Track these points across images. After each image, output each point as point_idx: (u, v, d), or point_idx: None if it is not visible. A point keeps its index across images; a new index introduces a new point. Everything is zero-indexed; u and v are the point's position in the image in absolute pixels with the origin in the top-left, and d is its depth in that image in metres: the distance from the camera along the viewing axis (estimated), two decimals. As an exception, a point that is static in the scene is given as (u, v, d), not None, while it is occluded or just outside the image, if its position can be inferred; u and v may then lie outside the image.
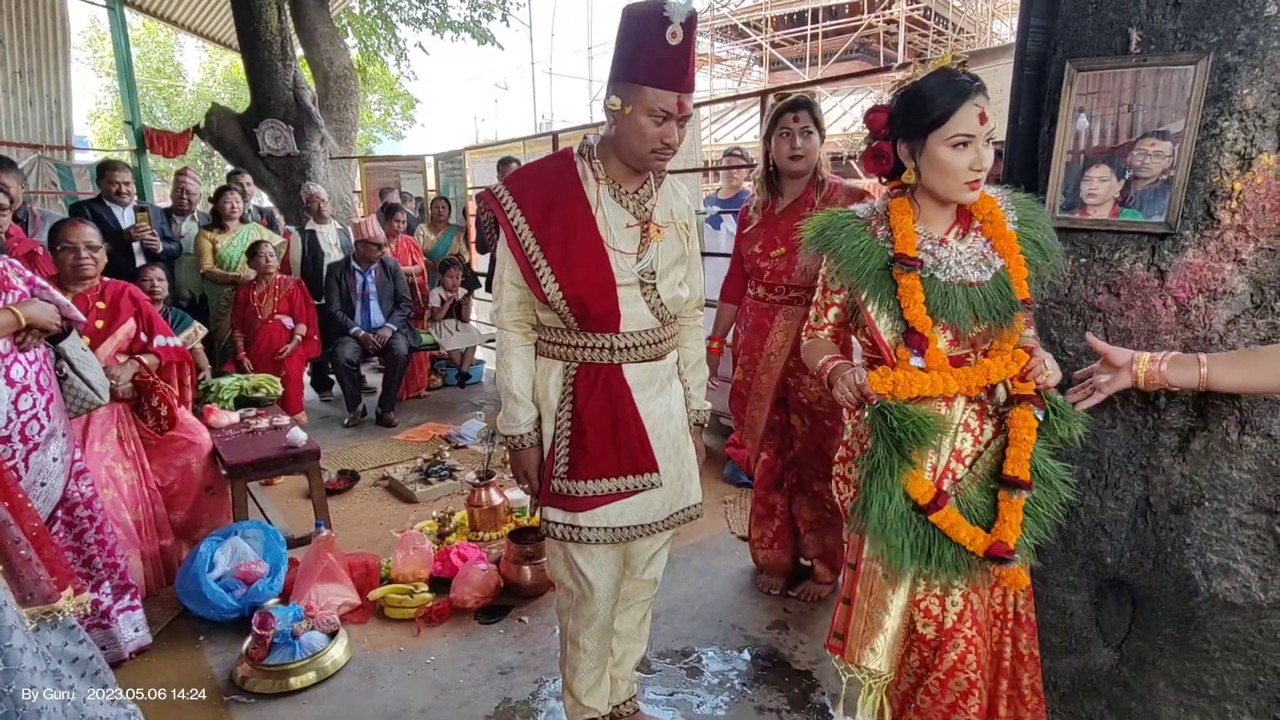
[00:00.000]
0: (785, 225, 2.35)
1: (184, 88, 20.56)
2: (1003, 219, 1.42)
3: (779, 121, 2.32)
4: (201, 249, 4.79)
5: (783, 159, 2.34)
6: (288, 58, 6.28)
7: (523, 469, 1.69)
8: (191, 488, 2.89)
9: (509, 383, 1.64)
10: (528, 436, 1.65)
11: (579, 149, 1.61)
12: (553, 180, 1.57)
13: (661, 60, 1.41)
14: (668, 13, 1.39)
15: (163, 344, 2.93)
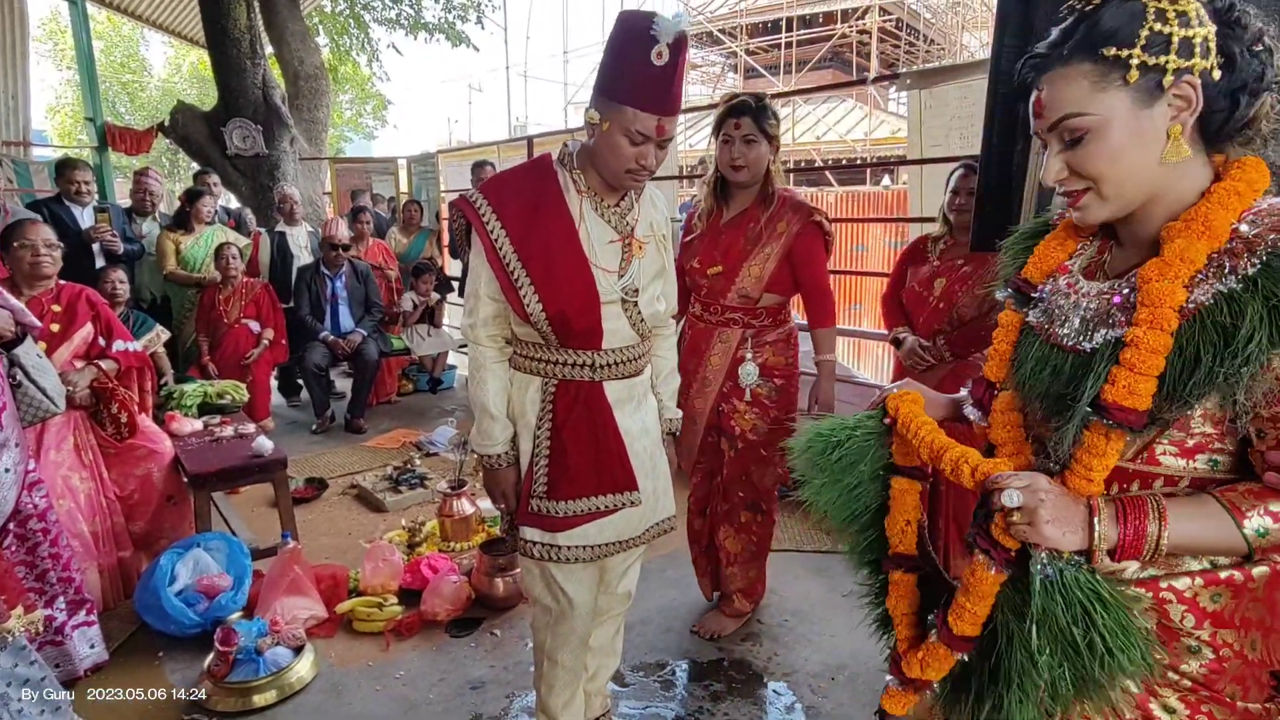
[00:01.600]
0: (727, 240, 2.23)
1: (149, 83, 20.10)
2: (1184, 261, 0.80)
3: (722, 126, 2.16)
4: (164, 250, 4.66)
5: (724, 167, 2.19)
6: (256, 56, 6.16)
7: (499, 488, 1.64)
8: (152, 498, 2.81)
9: (485, 400, 1.58)
10: (504, 455, 1.60)
11: (559, 157, 1.56)
12: (534, 191, 1.52)
13: (644, 80, 1.36)
14: (655, 31, 1.33)
15: (122, 349, 2.83)
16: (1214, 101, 0.80)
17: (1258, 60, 0.80)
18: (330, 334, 4.80)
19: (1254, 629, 0.85)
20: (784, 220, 2.20)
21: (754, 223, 2.21)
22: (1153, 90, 0.80)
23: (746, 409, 2.27)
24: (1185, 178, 0.83)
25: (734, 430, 2.29)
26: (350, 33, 8.55)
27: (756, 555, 2.44)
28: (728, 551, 2.43)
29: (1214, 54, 0.79)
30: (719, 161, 2.21)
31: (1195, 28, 0.78)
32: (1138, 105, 0.81)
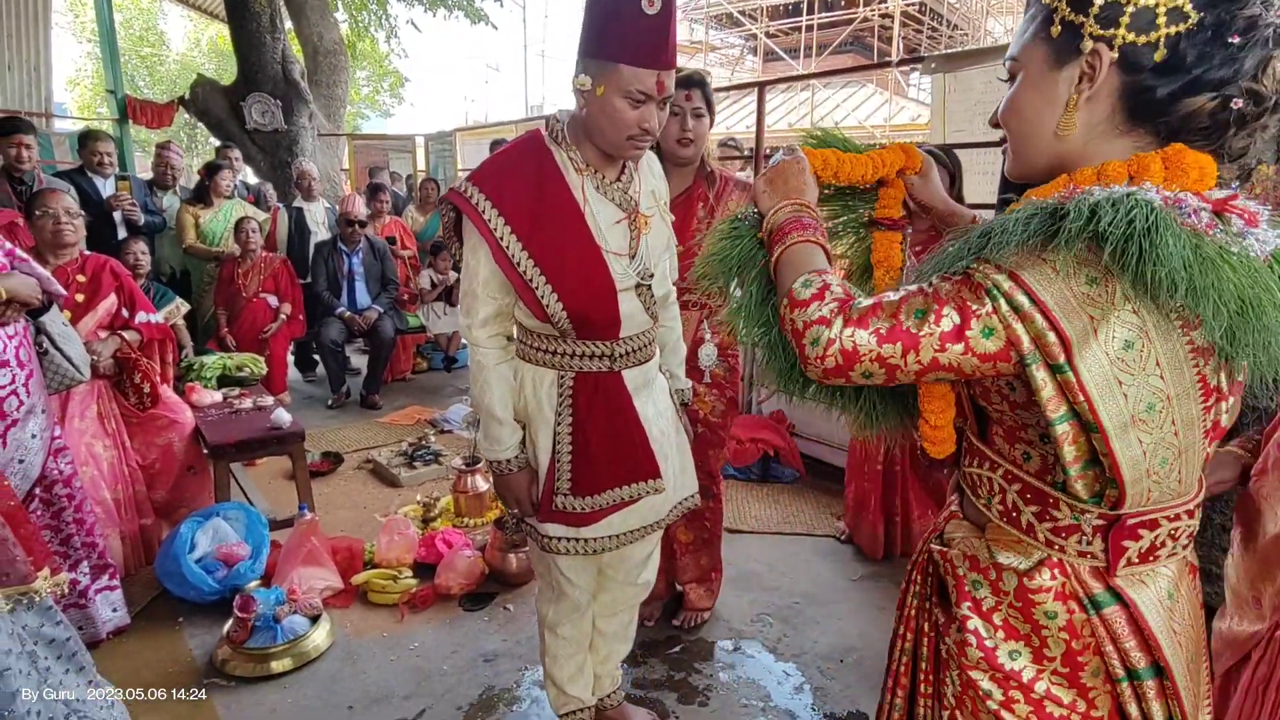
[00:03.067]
0: (677, 222, 2.11)
1: (168, 57, 20.14)
2: None
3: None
4: (184, 224, 4.70)
5: (669, 142, 2.07)
6: (276, 30, 6.15)
7: (513, 494, 1.55)
8: (173, 467, 2.85)
9: (490, 404, 1.49)
10: (515, 459, 1.53)
11: (551, 132, 1.43)
12: (532, 177, 1.40)
13: (637, 33, 1.25)
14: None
15: (144, 320, 2.87)
16: (1140, 83, 0.76)
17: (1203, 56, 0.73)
18: (347, 310, 4.83)
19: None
20: (733, 198, 2.16)
21: (702, 202, 2.15)
22: (1068, 51, 0.78)
23: (706, 391, 2.22)
24: (1094, 157, 0.80)
25: (696, 414, 2.22)
26: (369, 8, 8.52)
27: (709, 542, 2.40)
28: (680, 542, 2.38)
29: (1159, 30, 0.73)
30: (666, 136, 2.06)
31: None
32: (1049, 63, 0.80)
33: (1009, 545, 0.87)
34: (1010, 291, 0.73)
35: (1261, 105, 0.74)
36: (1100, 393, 0.73)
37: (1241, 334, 0.70)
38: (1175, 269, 0.67)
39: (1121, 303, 0.72)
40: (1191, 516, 0.85)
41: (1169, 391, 0.75)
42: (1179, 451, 0.78)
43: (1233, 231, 0.72)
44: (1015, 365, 0.76)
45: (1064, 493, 0.82)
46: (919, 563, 1.02)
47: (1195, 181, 0.75)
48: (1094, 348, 0.72)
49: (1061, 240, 0.71)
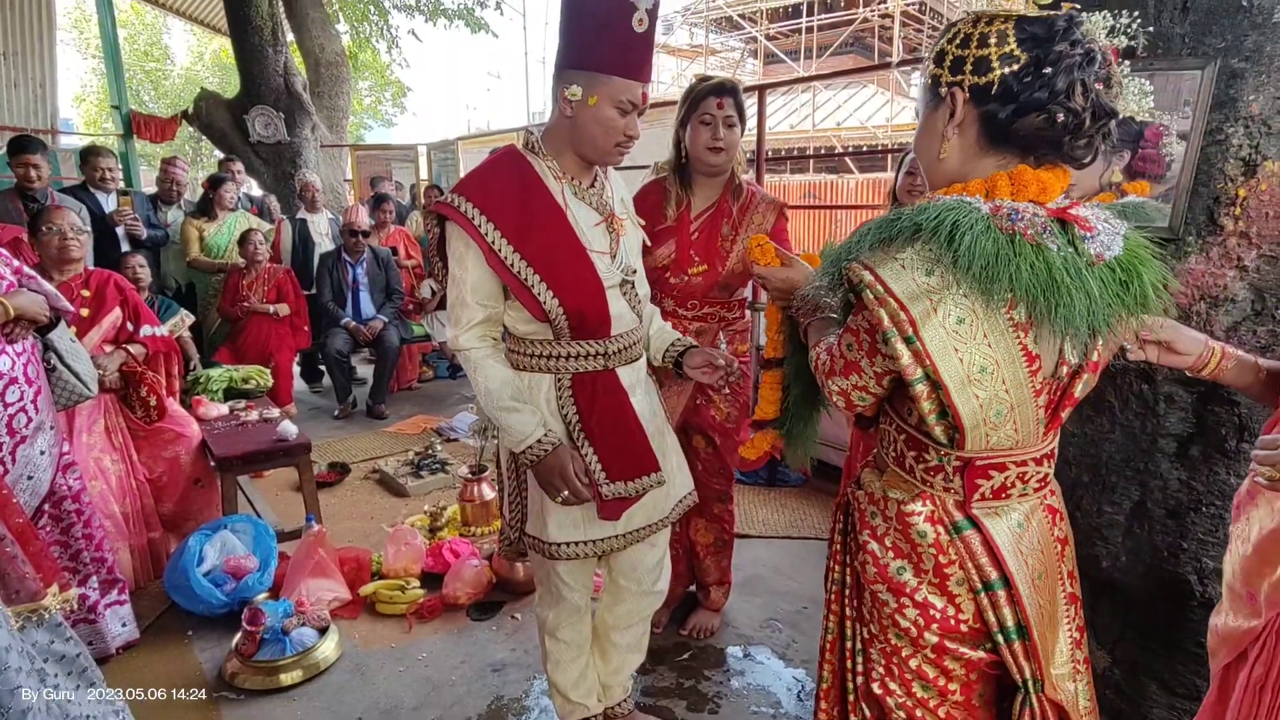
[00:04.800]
0: (704, 237, 2.10)
1: (172, 71, 20.28)
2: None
3: (700, 106, 2.00)
4: (188, 237, 4.72)
5: (700, 150, 2.02)
6: (278, 43, 6.18)
7: (557, 474, 1.46)
8: (180, 480, 2.86)
9: (498, 396, 1.46)
10: (546, 438, 1.47)
11: (527, 144, 1.50)
12: (516, 184, 1.45)
13: (628, 48, 1.35)
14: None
15: (149, 334, 2.88)
16: (988, 112, 0.96)
17: (1028, 85, 0.93)
18: (352, 320, 4.84)
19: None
20: (758, 212, 2.14)
21: (727, 217, 2.12)
22: (937, 96, 1.00)
23: (722, 399, 2.23)
24: (974, 173, 1.01)
25: (713, 422, 2.24)
26: (370, 20, 8.56)
27: (727, 543, 2.43)
28: (702, 544, 2.39)
29: (995, 71, 0.94)
30: (692, 144, 2.05)
31: (972, 48, 0.95)
32: (928, 106, 1.03)
33: (897, 483, 1.12)
34: (871, 283, 0.95)
35: (1080, 118, 0.94)
36: (941, 358, 0.94)
37: (1049, 310, 0.90)
38: (974, 258, 0.88)
39: (953, 287, 0.92)
40: (1039, 464, 1.07)
41: (996, 357, 0.95)
42: (1011, 406, 0.99)
43: (1073, 235, 0.93)
44: (880, 342, 0.97)
45: (931, 439, 1.04)
46: (841, 504, 1.26)
47: (1037, 194, 0.95)
48: (934, 323, 0.94)
49: (896, 236, 0.95)
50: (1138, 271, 0.97)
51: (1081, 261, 0.92)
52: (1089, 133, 0.96)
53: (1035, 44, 0.92)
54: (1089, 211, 0.97)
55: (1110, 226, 0.97)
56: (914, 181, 2.46)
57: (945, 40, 0.99)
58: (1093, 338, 0.96)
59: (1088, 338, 0.94)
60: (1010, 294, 0.90)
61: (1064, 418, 1.07)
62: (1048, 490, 1.11)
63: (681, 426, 2.22)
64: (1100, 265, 0.95)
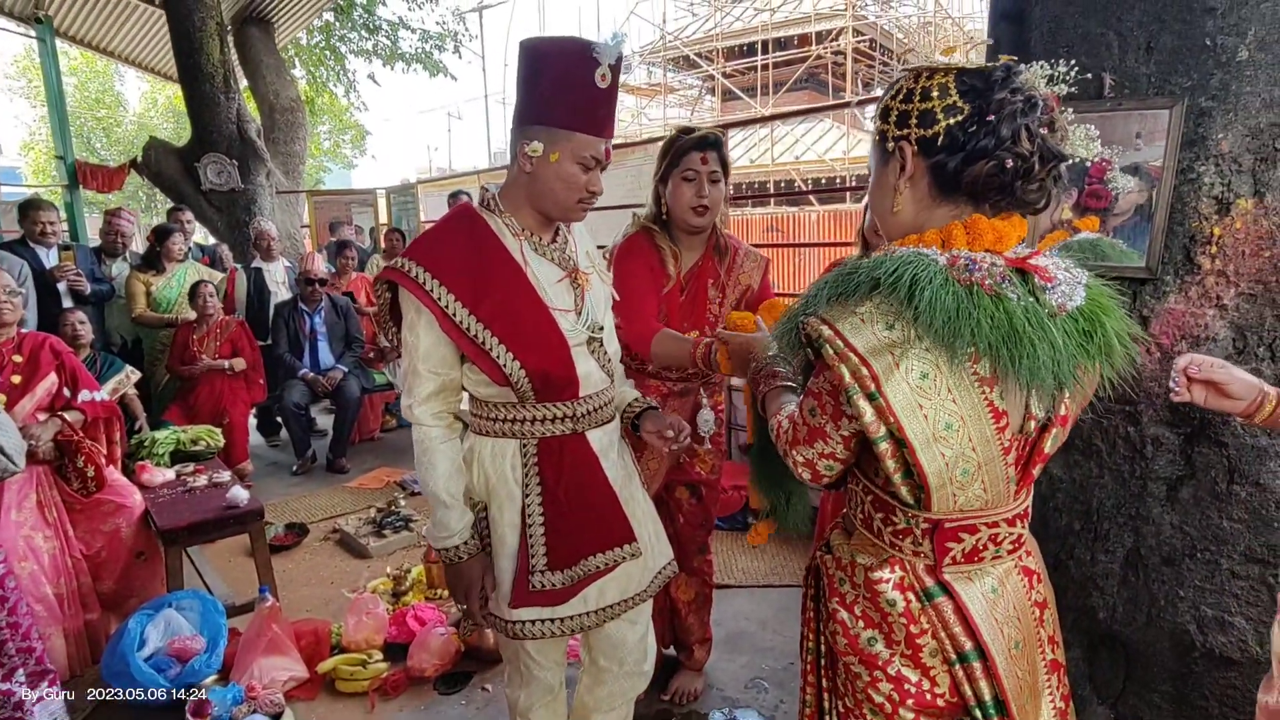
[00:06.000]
0: (690, 300, 1.99)
1: (124, 118, 19.96)
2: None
3: (682, 161, 1.87)
4: (134, 292, 4.52)
5: (683, 210, 1.89)
6: (230, 90, 6.06)
7: (464, 584, 1.44)
8: (121, 555, 2.66)
9: (436, 487, 1.40)
10: (466, 545, 1.43)
11: (482, 201, 1.45)
12: (468, 244, 1.39)
13: (590, 104, 1.31)
14: (597, 54, 1.27)
15: (88, 399, 2.71)
16: (937, 163, 0.95)
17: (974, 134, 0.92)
18: (310, 371, 4.67)
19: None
20: (744, 270, 2.07)
21: (713, 278, 2.02)
22: (885, 150, 1.00)
23: (706, 453, 2.15)
24: (928, 224, 0.99)
25: (698, 476, 2.16)
26: (327, 64, 8.48)
27: (708, 598, 2.32)
28: (683, 601, 2.28)
29: (940, 123, 0.93)
30: (674, 201, 1.91)
31: (916, 103, 0.95)
32: (880, 160, 1.02)
33: (865, 547, 1.07)
34: (831, 338, 0.92)
35: (1029, 161, 0.92)
36: (905, 415, 0.91)
37: (1013, 363, 0.87)
38: (935, 311, 0.86)
39: (915, 341, 0.90)
40: (1011, 525, 1.02)
41: (962, 413, 0.92)
42: (979, 464, 0.95)
43: (1033, 285, 0.92)
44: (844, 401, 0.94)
45: (898, 500, 1.00)
46: (812, 567, 1.20)
47: (993, 243, 0.94)
48: (897, 378, 0.90)
49: (853, 291, 0.93)
50: (1101, 321, 0.95)
51: (1044, 312, 0.90)
52: (1039, 176, 0.95)
53: (977, 94, 0.93)
54: (1048, 261, 0.95)
55: (1071, 276, 0.95)
56: None
57: (889, 97, 0.99)
58: (1059, 390, 0.94)
59: (1054, 390, 0.92)
60: (973, 348, 0.88)
61: (1035, 475, 1.03)
62: (1022, 551, 1.06)
63: (664, 484, 2.13)
64: (1063, 315, 0.92)
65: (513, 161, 1.40)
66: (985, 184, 0.94)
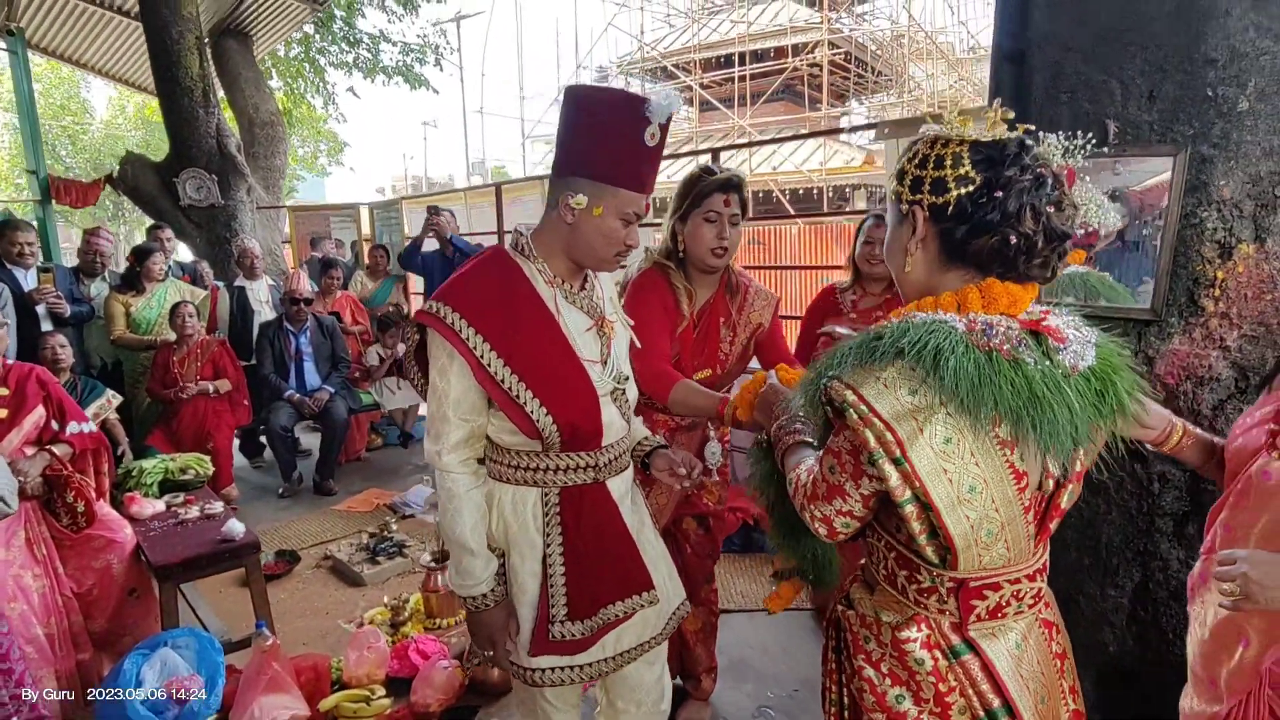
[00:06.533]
0: (702, 338, 2.01)
1: (91, 125, 19.53)
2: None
3: (704, 203, 1.87)
4: (113, 313, 4.42)
5: (703, 250, 1.88)
6: (210, 104, 5.96)
7: (488, 633, 1.43)
8: (113, 592, 2.60)
9: (462, 535, 1.38)
10: (492, 593, 1.41)
11: (516, 246, 1.43)
12: (503, 290, 1.38)
13: (637, 161, 1.32)
14: (649, 113, 1.27)
15: (76, 431, 2.64)
16: (946, 230, 0.98)
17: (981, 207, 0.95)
18: (296, 393, 4.61)
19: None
20: (754, 309, 2.08)
21: (724, 316, 2.03)
22: (899, 210, 1.03)
23: (713, 484, 2.16)
24: (940, 286, 1.02)
25: (706, 508, 2.17)
26: (306, 77, 8.39)
27: (714, 626, 2.34)
28: (690, 631, 2.27)
29: (952, 192, 0.96)
30: (693, 241, 1.90)
31: (929, 170, 0.97)
32: (895, 220, 1.05)
33: (889, 604, 1.08)
34: (855, 403, 0.94)
35: (1032, 240, 0.95)
36: (931, 479, 0.93)
37: (1034, 427, 0.90)
38: (959, 380, 0.89)
39: (938, 406, 0.92)
40: (1032, 580, 1.04)
41: (985, 475, 0.94)
42: (1002, 525, 0.97)
43: (1047, 346, 0.94)
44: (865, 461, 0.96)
45: (922, 559, 1.01)
46: (833, 619, 1.20)
47: (1008, 307, 0.97)
48: (921, 443, 0.92)
49: (878, 358, 0.94)
50: (1112, 380, 0.98)
51: (1059, 374, 0.93)
52: (1042, 253, 0.97)
53: (989, 166, 0.95)
54: (1060, 320, 0.98)
55: (1081, 335, 0.98)
56: (872, 250, 2.47)
57: (905, 160, 1.02)
58: (1074, 449, 0.96)
59: (1070, 450, 0.94)
60: (995, 413, 0.90)
61: (1052, 529, 1.06)
62: (1042, 604, 1.09)
63: (674, 518, 2.13)
64: (1076, 376, 0.95)
65: (551, 208, 1.40)
66: (989, 256, 0.97)
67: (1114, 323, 1.65)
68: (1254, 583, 1.01)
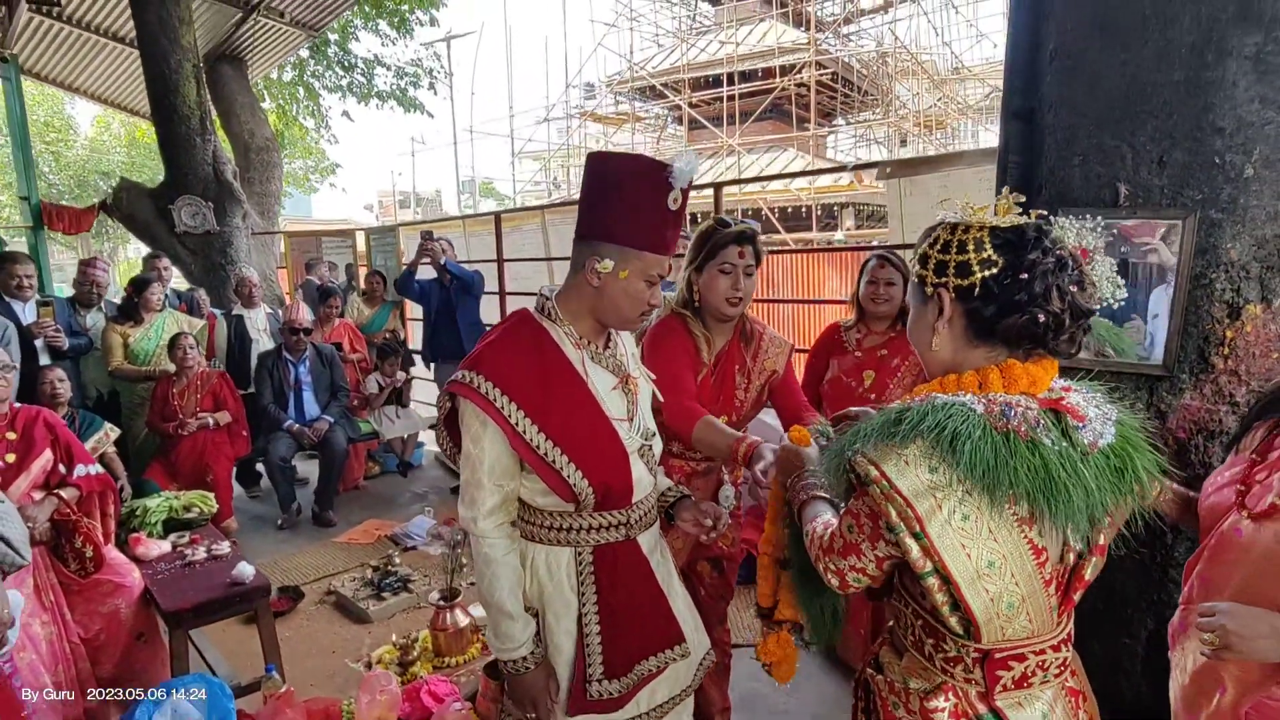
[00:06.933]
0: (718, 385, 2.05)
1: (75, 142, 19.39)
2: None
3: (720, 255, 1.91)
4: (111, 344, 4.39)
5: (718, 300, 1.93)
6: (206, 132, 5.95)
7: (531, 695, 1.42)
8: (120, 637, 2.58)
9: (501, 599, 1.40)
10: (532, 655, 1.42)
11: (542, 309, 1.46)
12: (533, 356, 1.41)
13: (661, 225, 1.35)
14: (671, 179, 1.31)
15: (83, 474, 2.64)
16: (973, 310, 1.02)
17: (1008, 288, 0.99)
18: (295, 423, 4.59)
19: None
20: (768, 355, 2.11)
21: (739, 364, 2.07)
22: (924, 292, 1.07)
23: (727, 528, 2.19)
24: (965, 363, 1.05)
25: (720, 551, 2.18)
26: (299, 101, 8.40)
27: (728, 666, 2.35)
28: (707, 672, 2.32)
29: (976, 275, 1.00)
30: (708, 291, 1.95)
31: (953, 254, 1.01)
32: (918, 299, 1.09)
33: (917, 671, 1.10)
34: (878, 479, 0.97)
35: (1060, 318, 0.98)
36: (949, 555, 0.96)
37: (1050, 507, 0.92)
38: (975, 462, 0.91)
39: (956, 484, 0.94)
40: (1057, 650, 1.06)
41: (1003, 551, 0.97)
42: (1022, 598, 0.99)
43: (1066, 425, 0.96)
44: (884, 528, 0.99)
45: (947, 629, 1.04)
46: (862, 681, 1.23)
47: (1028, 386, 1.00)
48: (940, 520, 0.95)
49: (900, 437, 0.97)
50: (1131, 457, 1.00)
51: (1076, 453, 0.95)
52: (1069, 330, 1.01)
53: (1010, 249, 0.99)
54: (1080, 397, 1.01)
55: (1101, 413, 1.00)
56: (876, 290, 2.51)
57: (926, 245, 1.06)
58: (1093, 527, 0.98)
59: (1088, 529, 0.97)
60: (1011, 493, 0.93)
61: (1076, 600, 1.08)
62: (1068, 673, 1.10)
63: (689, 559, 2.14)
64: (1095, 453, 0.97)
65: (575, 270, 1.42)
66: (1019, 334, 1.00)
67: (1128, 378, 1.70)
68: (1232, 634, 1.06)
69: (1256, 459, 1.18)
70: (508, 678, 1.46)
